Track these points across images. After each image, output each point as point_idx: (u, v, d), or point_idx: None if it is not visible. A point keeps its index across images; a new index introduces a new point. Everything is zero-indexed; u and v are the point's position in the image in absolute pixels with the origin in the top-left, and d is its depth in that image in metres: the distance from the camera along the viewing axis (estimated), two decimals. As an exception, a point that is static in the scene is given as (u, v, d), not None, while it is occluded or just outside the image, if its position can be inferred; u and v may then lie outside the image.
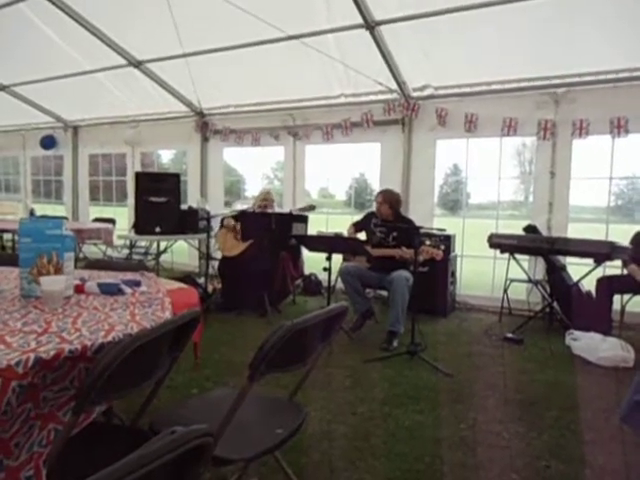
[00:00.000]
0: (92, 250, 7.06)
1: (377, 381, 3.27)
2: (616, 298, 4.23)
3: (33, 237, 1.74)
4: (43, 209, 8.89)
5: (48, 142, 8.63)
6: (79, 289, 1.85)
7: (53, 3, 5.06)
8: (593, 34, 4.23)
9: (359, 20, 4.51)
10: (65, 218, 7.60)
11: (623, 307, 4.34)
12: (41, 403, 1.19)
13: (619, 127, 4.56)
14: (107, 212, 8.21)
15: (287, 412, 1.72)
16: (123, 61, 6.02)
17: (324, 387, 3.08)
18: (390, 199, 4.45)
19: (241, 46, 5.31)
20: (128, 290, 1.87)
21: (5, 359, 1.09)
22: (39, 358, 1.13)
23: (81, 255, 6.78)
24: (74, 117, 8.26)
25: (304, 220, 5.06)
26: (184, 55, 5.40)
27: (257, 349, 1.33)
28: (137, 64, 6.06)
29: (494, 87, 5.10)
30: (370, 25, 4.53)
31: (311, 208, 5.20)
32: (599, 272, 4.44)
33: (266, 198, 5.36)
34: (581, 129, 4.73)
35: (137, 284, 1.97)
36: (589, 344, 3.78)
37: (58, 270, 1.75)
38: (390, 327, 4.03)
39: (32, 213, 7.45)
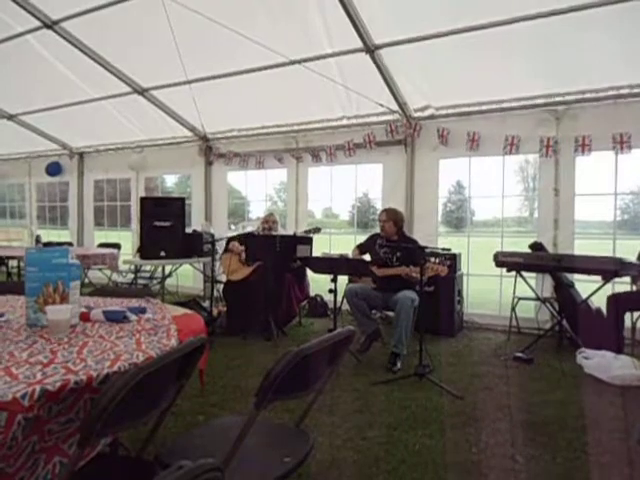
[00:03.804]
0: (97, 275, 7.07)
1: (386, 404, 3.22)
2: (628, 315, 4.17)
3: (39, 266, 1.75)
4: (48, 235, 8.95)
5: (54, 169, 8.74)
6: (85, 317, 1.85)
7: (59, 34, 5.18)
8: (593, 51, 4.27)
9: (359, 44, 4.58)
10: (70, 244, 7.64)
11: (634, 324, 4.28)
12: (46, 436, 1.17)
13: (622, 143, 4.56)
14: (112, 237, 8.25)
15: (294, 439, 1.69)
16: (128, 89, 6.12)
17: (332, 411, 3.04)
18: (394, 217, 4.46)
19: (244, 72, 5.40)
20: (134, 317, 1.87)
21: (11, 392, 1.08)
22: (45, 390, 1.12)
23: (86, 280, 6.79)
24: (80, 144, 8.38)
25: (309, 242, 5.05)
26: (188, 82, 5.49)
27: (263, 377, 1.32)
28: (142, 91, 6.16)
29: (495, 106, 5.14)
30: (370, 49, 4.60)
31: (316, 231, 5.21)
32: (608, 288, 4.39)
33: (268, 220, 5.38)
34: (584, 146, 4.74)
35: (142, 311, 1.96)
36: (601, 363, 3.71)
37: (64, 299, 1.75)
38: (393, 348, 4.00)
39: (38, 239, 7.49)
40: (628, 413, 3.05)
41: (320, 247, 5.85)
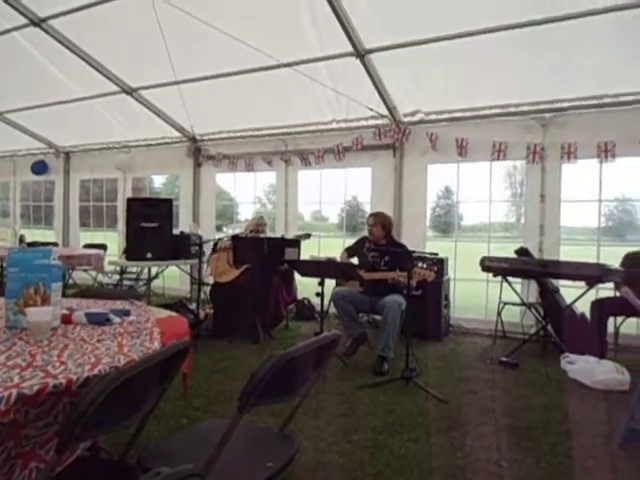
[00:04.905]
0: (82, 276, 6.97)
1: (371, 408, 3.22)
2: (610, 320, 4.22)
3: (21, 267, 1.72)
4: (32, 234, 8.82)
5: (39, 168, 8.62)
6: (66, 319, 1.82)
7: (46, 32, 5.12)
8: (579, 61, 4.33)
9: (349, 48, 4.59)
10: (55, 244, 7.53)
11: (617, 329, 4.33)
12: (23, 441, 1.15)
13: (606, 151, 4.62)
14: (97, 237, 8.15)
15: (278, 444, 1.68)
16: (116, 88, 6.06)
17: (317, 415, 3.02)
18: (382, 221, 4.47)
19: (234, 74, 5.38)
20: (117, 320, 1.84)
21: (-14, 396, 1.05)
22: (22, 394, 1.10)
23: (71, 281, 6.70)
24: (66, 143, 8.28)
25: (296, 245, 5.04)
26: (177, 82, 5.46)
27: (247, 380, 1.31)
28: (130, 91, 6.11)
29: (483, 112, 5.18)
30: (360, 53, 4.62)
31: (307, 237, 5.20)
32: (593, 294, 4.44)
33: (259, 223, 5.38)
34: (569, 153, 4.80)
35: (126, 313, 1.94)
36: (584, 367, 3.75)
37: (45, 300, 1.72)
38: (380, 352, 4.01)
39: (22, 239, 7.37)
40: (611, 417, 3.08)
41: (309, 250, 5.84)
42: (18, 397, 1.08)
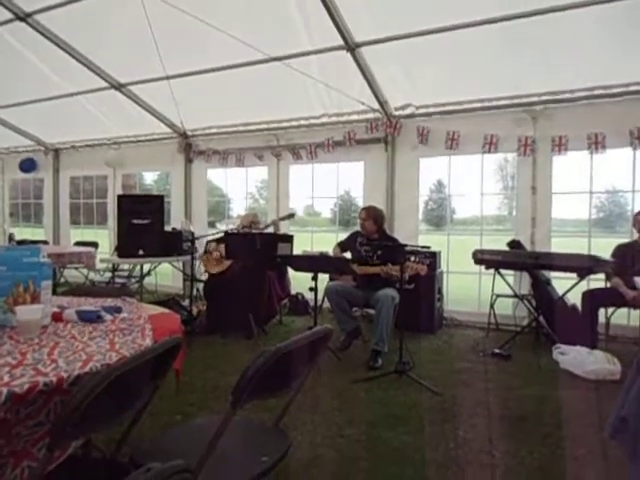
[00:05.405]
0: (74, 274, 6.93)
1: (365, 402, 3.23)
2: (602, 311, 4.26)
3: (9, 265, 1.70)
4: (22, 233, 8.73)
5: (28, 165, 8.53)
6: (57, 317, 1.80)
7: (32, 27, 5.05)
8: (568, 53, 4.35)
9: (340, 42, 4.57)
10: (45, 242, 7.47)
11: (608, 320, 4.37)
12: (14, 439, 1.14)
13: (596, 143, 4.65)
14: (88, 234, 8.10)
15: (272, 438, 1.68)
16: (105, 84, 6.00)
17: (311, 409, 3.03)
18: (374, 215, 4.47)
19: (224, 68, 5.34)
20: (108, 317, 1.83)
21: (-24, 395, 1.04)
22: (12, 392, 1.08)
23: (62, 280, 6.65)
24: (55, 140, 8.19)
25: (289, 240, 5.03)
26: (167, 77, 5.41)
27: (240, 376, 1.30)
28: (119, 86, 6.05)
29: (474, 105, 5.19)
30: (351, 47, 4.60)
31: (291, 216, 5.50)
32: (584, 285, 4.47)
33: (254, 221, 5.39)
34: (560, 145, 4.82)
35: (118, 310, 1.92)
36: (576, 358, 3.79)
37: (35, 299, 1.70)
38: (374, 346, 4.01)
39: (11, 238, 7.31)
40: (602, 407, 3.11)
41: (302, 245, 5.83)
42: (8, 396, 1.07)
